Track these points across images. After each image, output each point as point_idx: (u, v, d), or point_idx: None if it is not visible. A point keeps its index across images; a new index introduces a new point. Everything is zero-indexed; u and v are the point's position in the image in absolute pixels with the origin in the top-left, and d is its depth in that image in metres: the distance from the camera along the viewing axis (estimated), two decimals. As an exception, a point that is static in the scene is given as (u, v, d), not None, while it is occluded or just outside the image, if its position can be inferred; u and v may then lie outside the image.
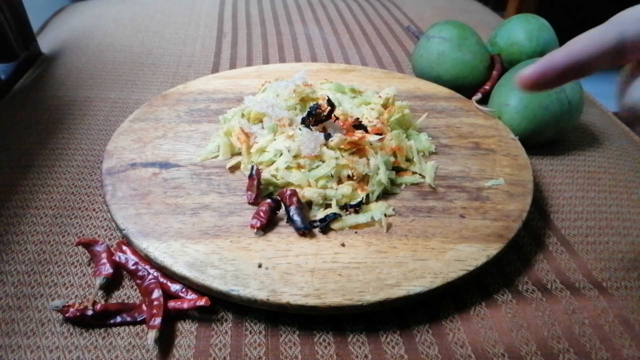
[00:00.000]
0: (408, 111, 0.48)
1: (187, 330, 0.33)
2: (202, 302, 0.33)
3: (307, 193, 0.39)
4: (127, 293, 0.35)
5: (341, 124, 0.44)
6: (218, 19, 0.83)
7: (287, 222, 0.38)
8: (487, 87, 0.58)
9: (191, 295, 0.34)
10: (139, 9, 0.86)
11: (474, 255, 0.36)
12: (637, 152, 0.56)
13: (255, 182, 0.39)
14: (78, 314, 0.32)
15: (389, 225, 0.38)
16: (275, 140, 0.43)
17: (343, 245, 0.36)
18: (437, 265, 0.35)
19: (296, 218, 0.37)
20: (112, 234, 0.40)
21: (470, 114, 0.53)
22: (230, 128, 0.45)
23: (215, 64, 0.68)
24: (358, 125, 0.44)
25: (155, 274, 0.35)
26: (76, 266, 0.37)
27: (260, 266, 0.34)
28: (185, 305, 0.33)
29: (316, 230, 0.37)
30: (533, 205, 0.42)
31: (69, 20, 0.81)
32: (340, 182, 0.41)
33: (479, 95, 0.56)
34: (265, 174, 0.41)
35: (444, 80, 0.59)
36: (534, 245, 0.41)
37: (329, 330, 0.33)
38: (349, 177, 0.41)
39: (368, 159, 0.42)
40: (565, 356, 0.33)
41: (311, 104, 0.43)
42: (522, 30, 0.59)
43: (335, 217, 0.38)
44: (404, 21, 0.87)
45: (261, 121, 0.46)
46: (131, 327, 0.33)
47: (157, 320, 0.32)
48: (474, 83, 0.58)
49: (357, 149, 0.42)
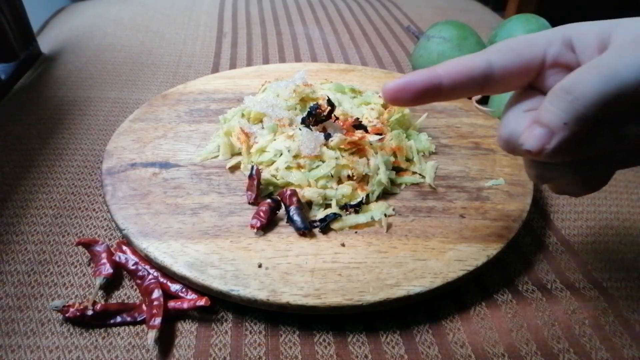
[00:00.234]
0: (408, 111, 0.48)
1: (187, 330, 0.33)
2: (202, 302, 0.33)
3: (307, 193, 0.39)
4: (127, 293, 0.35)
5: (341, 124, 0.44)
6: (218, 19, 0.83)
7: (287, 222, 0.38)
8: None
9: (191, 295, 0.34)
10: (139, 9, 0.86)
11: (474, 255, 0.36)
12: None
13: (255, 182, 0.39)
14: (78, 314, 0.32)
15: (389, 225, 0.38)
16: (275, 140, 0.43)
17: (343, 245, 0.36)
18: (437, 265, 0.35)
19: (296, 218, 0.37)
20: (112, 234, 0.40)
21: (470, 114, 0.53)
22: (230, 128, 0.45)
23: (215, 64, 0.68)
24: (358, 125, 0.44)
25: (155, 274, 0.35)
26: (76, 266, 0.37)
27: (260, 266, 0.34)
28: (185, 305, 0.33)
29: (316, 230, 0.37)
30: (533, 205, 0.42)
31: (69, 20, 0.81)
32: (340, 182, 0.41)
33: (478, 95, 0.56)
34: (265, 174, 0.41)
35: (444, 80, 0.59)
36: (534, 245, 0.41)
37: (329, 330, 0.33)
38: (349, 177, 0.41)
39: (368, 159, 0.42)
40: (565, 356, 0.33)
41: (311, 104, 0.43)
42: (522, 30, 0.59)
43: (335, 217, 0.38)
44: (404, 21, 0.87)
45: (261, 121, 0.46)
46: (131, 327, 0.33)
47: (157, 320, 0.32)
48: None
49: (357, 149, 0.42)
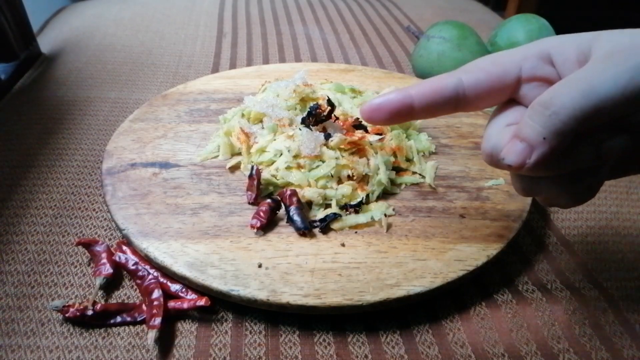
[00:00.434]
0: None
1: (187, 330, 0.33)
2: (202, 302, 0.33)
3: (307, 193, 0.39)
4: (127, 293, 0.35)
5: (341, 124, 0.44)
6: (218, 19, 0.83)
7: (287, 222, 0.38)
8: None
9: (191, 295, 0.34)
10: (139, 9, 0.86)
11: (474, 255, 0.36)
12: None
13: (255, 182, 0.39)
14: (78, 314, 0.32)
15: (389, 225, 0.38)
16: (275, 140, 0.43)
17: (343, 245, 0.36)
18: (437, 265, 0.35)
19: (296, 218, 0.37)
20: (112, 234, 0.40)
21: (470, 114, 0.53)
22: (230, 128, 0.45)
23: (215, 64, 0.68)
24: (358, 125, 0.44)
25: (155, 274, 0.35)
26: (76, 266, 0.37)
27: (260, 266, 0.34)
28: (185, 305, 0.33)
29: (316, 230, 0.37)
30: (533, 205, 0.42)
31: (69, 20, 0.81)
32: (340, 182, 0.41)
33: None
34: (265, 174, 0.41)
35: (444, 80, 0.59)
36: (534, 245, 0.41)
37: (329, 330, 0.33)
38: (349, 177, 0.41)
39: (368, 159, 0.42)
40: (565, 356, 0.33)
41: (311, 104, 0.43)
42: (522, 30, 0.59)
43: (335, 217, 0.38)
44: (404, 21, 0.87)
45: (261, 121, 0.46)
46: (131, 327, 0.33)
47: (157, 320, 0.32)
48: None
49: (357, 149, 0.42)
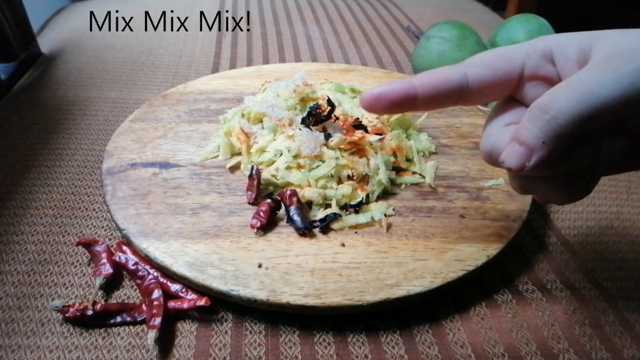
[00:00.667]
0: (408, 111, 0.48)
1: (187, 330, 0.33)
2: (202, 302, 0.33)
3: (307, 193, 0.39)
4: (127, 293, 0.35)
5: (341, 124, 0.44)
6: (218, 19, 0.83)
7: (287, 222, 0.38)
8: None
9: (191, 295, 0.34)
10: (139, 9, 0.86)
11: (474, 255, 0.36)
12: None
13: (255, 182, 0.39)
14: (78, 314, 0.32)
15: (389, 225, 0.38)
16: (275, 140, 0.43)
17: (343, 245, 0.36)
18: (437, 265, 0.35)
19: (296, 218, 0.37)
20: (112, 234, 0.40)
21: (470, 114, 0.53)
22: (230, 128, 0.45)
23: (215, 64, 0.68)
24: (358, 125, 0.44)
25: (155, 274, 0.35)
26: (76, 266, 0.37)
27: (260, 266, 0.34)
28: (185, 305, 0.33)
29: (316, 230, 0.37)
30: (533, 205, 0.42)
31: (69, 20, 0.81)
32: (340, 182, 0.41)
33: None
34: (265, 174, 0.41)
35: (444, 80, 0.59)
36: (534, 245, 0.41)
37: (329, 330, 0.33)
38: (349, 177, 0.41)
39: (368, 159, 0.42)
40: (565, 356, 0.33)
41: (311, 104, 0.43)
42: (522, 30, 0.59)
43: (335, 217, 0.38)
44: (404, 21, 0.87)
45: (261, 121, 0.46)
46: (131, 327, 0.33)
47: (157, 320, 0.32)
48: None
49: (357, 149, 0.42)
